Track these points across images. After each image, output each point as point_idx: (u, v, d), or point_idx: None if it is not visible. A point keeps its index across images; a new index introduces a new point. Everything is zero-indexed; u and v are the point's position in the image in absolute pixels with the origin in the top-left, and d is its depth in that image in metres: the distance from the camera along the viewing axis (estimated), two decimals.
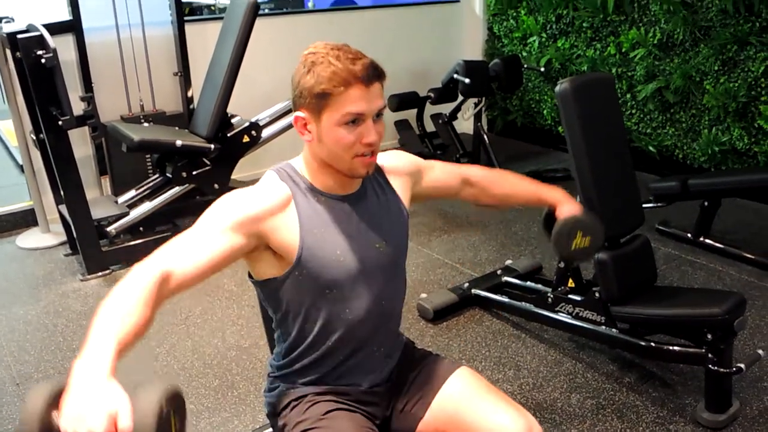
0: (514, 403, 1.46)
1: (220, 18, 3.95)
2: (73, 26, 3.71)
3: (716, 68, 4.08)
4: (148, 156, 3.92)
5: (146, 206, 3.64)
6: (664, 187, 3.48)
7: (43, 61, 2.99)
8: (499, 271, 3.14)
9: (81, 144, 3.85)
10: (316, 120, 1.30)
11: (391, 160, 1.55)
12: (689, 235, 3.53)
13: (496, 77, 4.65)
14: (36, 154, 3.66)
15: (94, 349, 1.00)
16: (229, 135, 3.70)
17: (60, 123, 3.10)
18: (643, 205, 3.38)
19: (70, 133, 3.23)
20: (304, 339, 1.43)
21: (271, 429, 1.58)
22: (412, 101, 4.93)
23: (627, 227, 2.42)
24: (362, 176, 1.39)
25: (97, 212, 3.46)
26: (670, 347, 2.26)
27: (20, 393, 2.49)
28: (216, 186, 3.71)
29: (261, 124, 3.85)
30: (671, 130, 4.46)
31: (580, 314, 2.52)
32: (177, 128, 3.88)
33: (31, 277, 3.43)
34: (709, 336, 2.12)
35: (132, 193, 3.75)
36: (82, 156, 3.85)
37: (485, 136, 4.73)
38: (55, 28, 3.35)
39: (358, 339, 1.44)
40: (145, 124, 3.93)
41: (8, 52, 3.32)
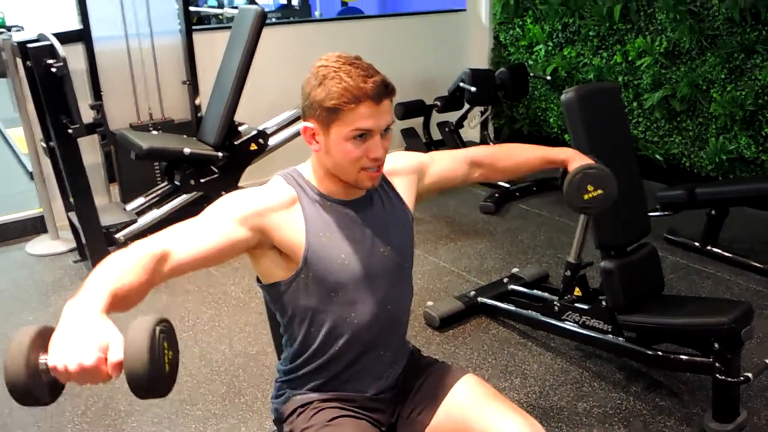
0: (520, 410, 1.46)
1: (228, 27, 3.98)
2: (82, 35, 3.75)
3: (723, 76, 4.08)
4: (157, 164, 3.95)
5: (154, 213, 3.66)
6: (672, 195, 3.49)
7: (53, 70, 3.02)
8: (506, 280, 3.14)
9: (90, 151, 3.88)
10: (325, 132, 1.32)
11: (393, 162, 1.55)
12: (697, 244, 3.52)
13: (502, 86, 4.67)
14: (46, 162, 3.69)
15: (87, 292, 1.02)
16: (236, 143, 3.72)
17: (70, 131, 3.13)
18: (650, 214, 3.39)
19: (79, 140, 3.25)
20: (311, 343, 1.44)
21: None
22: (419, 110, 4.94)
23: (634, 236, 2.43)
24: (367, 188, 1.41)
25: (105, 219, 3.48)
26: (677, 356, 2.26)
27: None
28: (223, 194, 3.69)
29: (268, 132, 3.86)
30: (678, 139, 4.46)
31: (587, 323, 2.52)
32: (185, 136, 3.90)
33: (40, 284, 3.45)
34: (716, 345, 2.12)
35: (140, 200, 3.77)
36: (92, 163, 3.87)
37: (492, 144, 4.74)
38: (65, 38, 3.38)
39: (364, 343, 1.45)
40: (154, 132, 3.95)
41: (19, 60, 3.35)
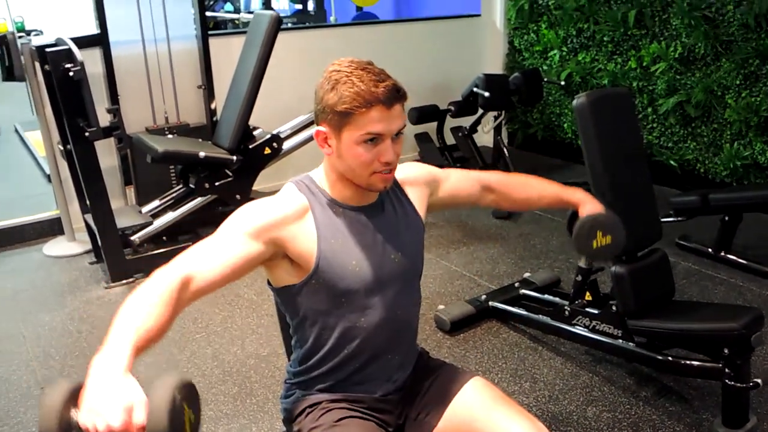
0: (527, 413, 1.47)
1: (243, 32, 4.01)
2: (100, 40, 3.80)
3: (738, 82, 4.06)
4: (172, 167, 3.99)
5: (169, 216, 3.71)
6: (685, 201, 3.47)
7: (71, 73, 3.07)
8: (517, 284, 3.15)
9: (107, 155, 3.93)
10: (337, 136, 1.34)
11: (408, 171, 1.58)
12: (710, 250, 3.51)
13: (516, 91, 4.66)
14: (63, 165, 3.74)
15: (112, 346, 1.05)
16: (251, 147, 3.75)
17: (86, 134, 3.18)
18: (662, 220, 3.38)
19: (96, 144, 3.30)
20: (321, 347, 1.46)
21: None
22: (433, 114, 4.96)
23: (644, 241, 2.42)
24: (379, 191, 1.42)
25: (121, 221, 3.53)
26: (687, 361, 2.25)
27: None
28: (238, 197, 3.76)
29: (282, 136, 3.90)
30: (692, 145, 4.44)
31: (597, 327, 2.52)
32: (200, 140, 3.94)
33: (56, 285, 3.51)
34: (726, 351, 2.11)
35: (156, 203, 3.82)
36: (108, 166, 3.92)
37: (505, 150, 4.74)
38: (82, 42, 3.43)
39: (373, 348, 1.47)
40: (169, 136, 4.00)
41: (37, 64, 3.41)
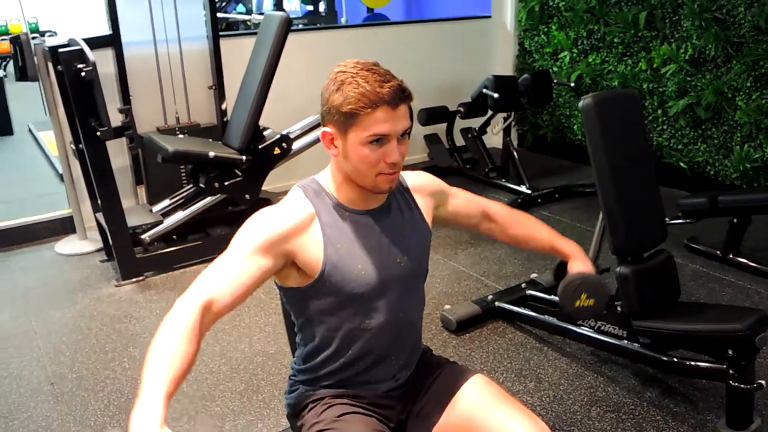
0: (527, 410, 1.47)
1: (254, 33, 4.04)
2: (112, 41, 3.83)
3: (748, 84, 4.05)
4: (183, 167, 4.02)
5: (179, 215, 3.74)
6: (693, 203, 3.46)
7: (82, 74, 3.11)
8: (524, 285, 3.15)
9: (119, 154, 3.96)
10: (343, 137, 1.35)
11: (419, 179, 1.59)
12: (718, 252, 3.50)
13: (525, 92, 4.67)
14: (75, 164, 3.79)
15: (146, 400, 1.10)
16: (260, 147, 3.78)
17: (98, 134, 3.22)
18: (670, 221, 3.38)
19: (108, 143, 3.34)
20: (324, 348, 1.48)
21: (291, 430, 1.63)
22: (442, 115, 4.97)
23: (650, 242, 2.42)
24: (385, 192, 1.42)
25: (132, 220, 3.56)
26: (691, 362, 2.26)
27: (55, 392, 2.59)
28: (247, 197, 3.79)
29: (292, 136, 3.93)
30: (703, 147, 4.43)
31: (602, 328, 2.52)
32: (211, 140, 3.98)
33: (68, 282, 3.55)
34: (730, 352, 2.11)
35: (166, 202, 3.85)
36: (120, 166, 3.97)
37: (514, 151, 4.75)
38: (95, 43, 3.47)
39: (377, 349, 1.48)
40: (180, 136, 4.03)
41: (50, 65, 3.46)
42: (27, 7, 5.14)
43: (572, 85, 5.00)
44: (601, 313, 1.63)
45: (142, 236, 3.60)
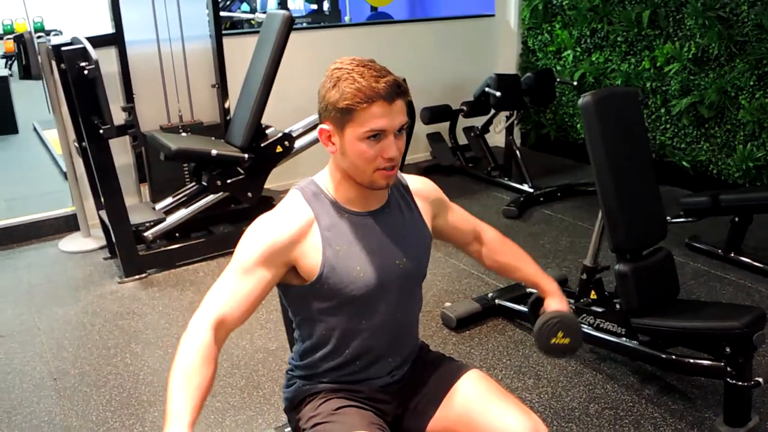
0: (521, 405, 1.49)
1: (257, 32, 4.05)
2: (116, 39, 3.85)
3: (752, 83, 4.05)
4: (185, 165, 4.04)
5: (182, 213, 3.76)
6: (695, 202, 3.46)
7: (85, 72, 3.13)
8: (523, 283, 3.15)
9: (122, 153, 3.99)
10: (340, 133, 1.35)
11: (421, 184, 1.60)
12: (720, 251, 3.50)
13: (527, 91, 4.68)
14: (79, 162, 3.81)
15: (174, 428, 1.16)
16: (262, 145, 3.79)
17: (101, 132, 3.24)
18: (672, 220, 3.38)
19: (112, 142, 3.37)
20: (322, 346, 1.49)
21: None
22: (445, 114, 4.98)
23: (649, 240, 2.43)
24: (382, 188, 1.42)
25: (135, 218, 3.59)
26: (690, 360, 2.26)
27: (57, 387, 2.61)
28: (249, 194, 3.80)
29: (294, 135, 3.94)
30: (705, 146, 4.43)
31: (601, 326, 2.53)
32: (213, 138, 3.99)
33: (71, 279, 3.57)
34: (728, 349, 2.12)
35: (169, 200, 3.87)
36: (123, 164, 3.99)
37: (517, 150, 4.75)
38: (98, 41, 3.49)
39: (374, 349, 1.50)
40: (183, 134, 4.05)
41: (54, 63, 3.48)
42: (33, 7, 5.17)
43: (575, 83, 5.00)
44: (574, 352, 1.65)
45: (145, 234, 3.62)
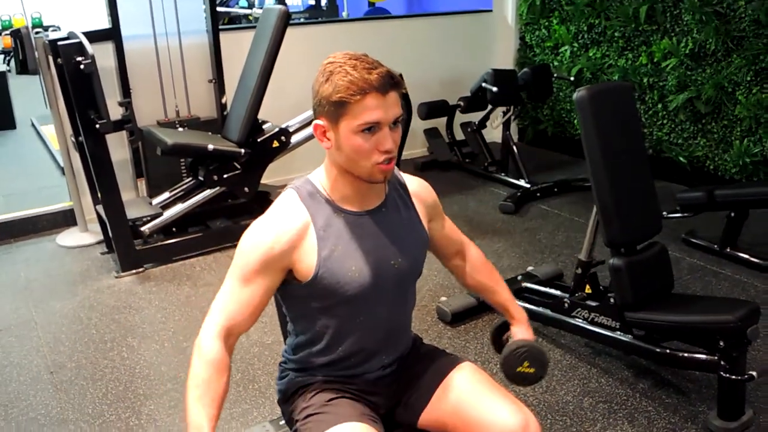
0: (513, 398, 1.49)
1: (254, 27, 4.04)
2: (112, 34, 3.85)
3: (749, 79, 4.05)
4: (182, 160, 4.04)
5: (179, 207, 3.76)
6: (691, 197, 3.47)
7: (81, 67, 3.13)
8: (519, 277, 3.17)
9: (119, 148, 3.99)
10: (334, 128, 1.34)
11: (421, 187, 1.59)
12: (715, 246, 3.50)
13: (525, 86, 4.68)
14: (76, 157, 3.81)
15: None
16: (259, 140, 3.80)
17: (97, 127, 3.24)
18: (668, 215, 3.38)
19: (109, 137, 3.37)
20: (315, 342, 1.50)
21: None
22: (442, 109, 4.98)
23: (644, 234, 2.44)
24: (380, 182, 1.41)
25: (131, 213, 3.59)
26: (684, 354, 2.27)
27: (54, 380, 2.62)
28: (246, 189, 3.81)
29: (290, 130, 3.94)
30: (702, 141, 4.43)
31: (596, 320, 2.54)
32: (210, 133, 3.99)
33: (69, 274, 3.58)
34: (722, 343, 2.12)
35: (166, 194, 3.87)
36: (120, 159, 3.99)
37: (513, 145, 4.76)
38: (95, 36, 3.49)
39: (367, 347, 1.50)
40: (180, 129, 4.05)
41: (50, 58, 3.47)
42: (32, 2, 5.17)
43: (572, 79, 5.00)
44: (537, 382, 1.67)
45: (142, 228, 3.63)
